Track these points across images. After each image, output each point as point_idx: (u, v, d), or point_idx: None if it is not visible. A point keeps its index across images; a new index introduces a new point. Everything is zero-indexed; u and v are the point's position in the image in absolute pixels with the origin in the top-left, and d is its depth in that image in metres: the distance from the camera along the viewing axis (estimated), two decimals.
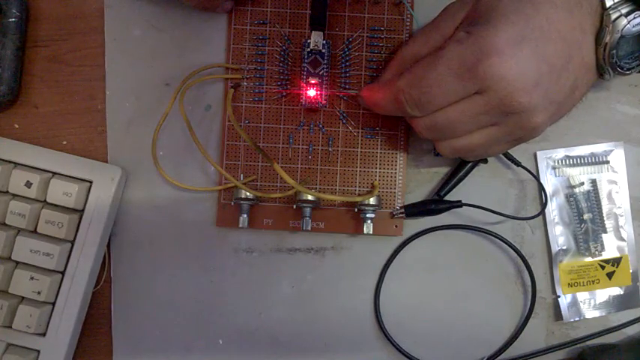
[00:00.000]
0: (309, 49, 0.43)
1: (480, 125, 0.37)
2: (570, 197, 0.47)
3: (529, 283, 0.46)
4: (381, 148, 0.46)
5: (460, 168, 0.45)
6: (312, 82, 0.43)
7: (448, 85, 0.36)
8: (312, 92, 0.43)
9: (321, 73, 0.43)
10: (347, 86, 0.45)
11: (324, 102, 0.44)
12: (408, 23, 0.45)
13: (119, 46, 0.46)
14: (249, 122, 0.45)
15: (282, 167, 0.45)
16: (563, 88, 0.36)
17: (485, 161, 0.46)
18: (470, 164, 0.45)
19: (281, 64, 0.45)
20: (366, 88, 0.42)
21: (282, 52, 0.45)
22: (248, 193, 0.43)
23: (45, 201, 0.43)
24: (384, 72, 0.43)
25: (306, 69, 0.43)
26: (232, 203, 0.45)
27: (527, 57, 0.34)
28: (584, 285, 0.47)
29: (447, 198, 0.46)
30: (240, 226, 0.44)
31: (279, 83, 0.45)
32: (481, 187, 0.46)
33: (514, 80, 0.34)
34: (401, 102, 0.38)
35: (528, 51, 0.35)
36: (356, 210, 0.44)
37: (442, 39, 0.39)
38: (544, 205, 0.46)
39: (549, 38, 0.35)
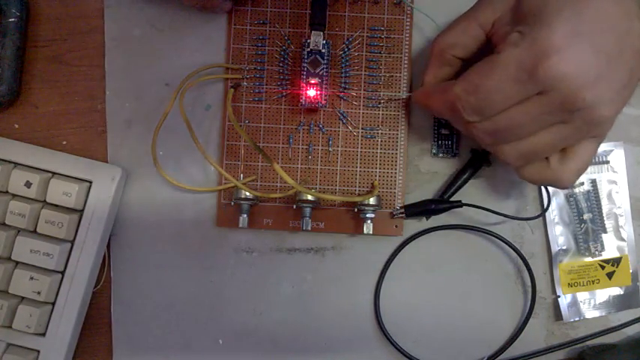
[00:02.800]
0: (309, 49, 0.43)
1: (545, 124, 0.36)
2: (570, 197, 0.47)
3: (529, 283, 0.46)
4: (380, 148, 0.46)
5: (464, 170, 0.45)
6: (312, 82, 0.43)
7: (507, 90, 0.35)
8: (312, 92, 0.43)
9: (321, 73, 0.43)
10: (347, 86, 0.45)
11: (324, 102, 0.44)
12: (408, 23, 0.45)
13: (119, 46, 0.46)
14: (249, 122, 0.45)
15: (282, 167, 0.45)
16: (623, 76, 0.36)
17: (488, 164, 0.45)
18: (474, 167, 0.45)
19: (281, 64, 0.45)
20: (420, 92, 0.42)
21: (282, 52, 0.45)
22: (248, 193, 0.43)
23: (45, 201, 0.43)
24: (427, 68, 0.42)
25: (306, 69, 0.43)
26: (232, 203, 0.45)
27: (584, 52, 0.34)
28: (584, 285, 0.47)
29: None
30: (240, 226, 0.44)
31: (278, 83, 0.45)
32: (482, 187, 0.47)
33: (575, 77, 0.34)
34: (458, 110, 0.37)
35: (585, 45, 0.34)
36: (356, 210, 0.44)
37: (480, 29, 0.39)
38: (546, 207, 0.46)
39: (602, 30, 0.34)
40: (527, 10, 0.36)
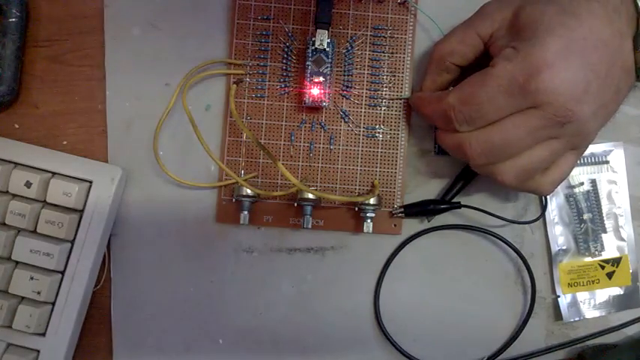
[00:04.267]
0: (313, 48, 0.43)
1: (539, 139, 0.37)
2: (570, 197, 0.47)
3: (529, 283, 0.46)
4: (381, 148, 0.46)
5: (465, 172, 0.46)
6: (316, 80, 0.43)
7: (499, 103, 0.36)
8: (315, 91, 0.43)
9: (325, 71, 0.44)
10: (349, 85, 0.45)
11: (327, 101, 0.44)
12: (412, 23, 0.45)
13: (119, 45, 0.46)
14: (250, 119, 0.45)
15: (283, 164, 0.45)
16: (609, 92, 0.37)
17: None
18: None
19: (284, 61, 0.45)
20: (417, 97, 0.43)
21: (286, 49, 0.45)
22: (249, 191, 0.43)
23: (45, 201, 0.43)
24: (425, 74, 0.43)
25: (310, 67, 0.43)
26: (233, 200, 0.44)
27: (575, 67, 0.35)
28: (584, 285, 0.47)
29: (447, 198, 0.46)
30: (242, 222, 0.43)
31: (281, 80, 0.45)
32: (483, 188, 0.47)
33: (565, 91, 0.35)
34: (450, 119, 0.38)
35: (576, 61, 0.35)
36: (356, 209, 0.44)
37: (478, 38, 0.40)
38: (543, 210, 0.46)
39: (594, 47, 0.36)
40: (522, 26, 0.37)
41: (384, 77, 0.45)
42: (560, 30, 0.36)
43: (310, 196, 0.43)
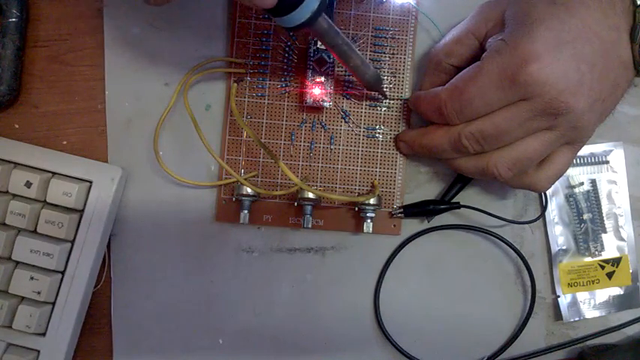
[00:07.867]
0: (315, 47, 0.43)
1: (531, 131, 0.37)
2: (570, 197, 0.47)
3: (529, 283, 0.46)
4: (381, 148, 0.46)
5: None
6: (318, 80, 0.43)
7: (490, 96, 0.36)
8: (317, 91, 0.43)
9: (326, 71, 0.44)
10: (350, 85, 0.45)
11: (329, 101, 0.44)
12: (413, 24, 0.45)
13: (119, 45, 0.45)
14: (251, 118, 0.45)
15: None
16: (606, 86, 0.37)
17: None
18: None
19: (285, 60, 0.45)
20: (414, 96, 0.43)
21: (287, 48, 0.45)
22: (249, 190, 0.43)
23: (45, 201, 0.43)
24: (424, 75, 0.44)
25: (311, 67, 0.43)
26: (234, 199, 0.44)
27: (566, 59, 0.35)
28: (583, 285, 0.47)
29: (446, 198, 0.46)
30: (241, 222, 0.43)
31: (282, 79, 0.45)
32: (483, 188, 0.47)
33: (556, 83, 0.35)
34: (443, 114, 0.39)
35: (567, 53, 0.35)
36: (356, 209, 0.44)
37: (474, 38, 0.40)
38: (544, 209, 0.46)
39: (586, 39, 0.36)
40: (512, 20, 0.37)
41: (385, 78, 0.45)
42: (550, 21, 0.35)
43: (311, 195, 0.43)
